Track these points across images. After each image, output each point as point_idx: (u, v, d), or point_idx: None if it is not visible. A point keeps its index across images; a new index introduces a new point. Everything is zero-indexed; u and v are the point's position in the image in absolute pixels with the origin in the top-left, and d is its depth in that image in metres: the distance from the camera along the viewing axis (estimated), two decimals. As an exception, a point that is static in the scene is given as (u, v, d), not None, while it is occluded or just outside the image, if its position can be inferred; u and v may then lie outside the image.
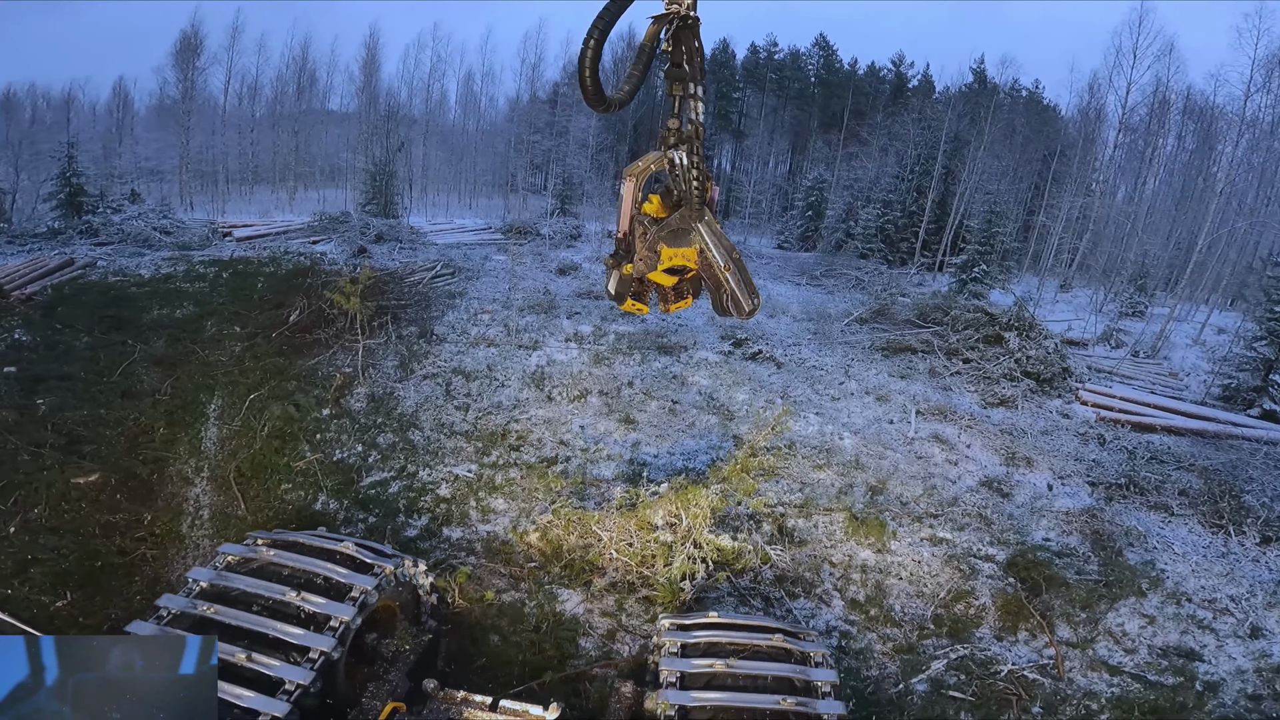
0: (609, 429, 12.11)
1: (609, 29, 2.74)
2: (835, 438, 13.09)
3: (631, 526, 8.25)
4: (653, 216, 3.71)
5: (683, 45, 3.00)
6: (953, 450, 13.82)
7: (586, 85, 2.80)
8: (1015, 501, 12.58)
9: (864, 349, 18.39)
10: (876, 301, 20.56)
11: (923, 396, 16.12)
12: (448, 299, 18.20)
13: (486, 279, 21.48)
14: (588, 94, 2.84)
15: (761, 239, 41.32)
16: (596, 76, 2.80)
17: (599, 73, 2.84)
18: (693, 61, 3.05)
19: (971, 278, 25.78)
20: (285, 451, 10.78)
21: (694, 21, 2.92)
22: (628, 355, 14.89)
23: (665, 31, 2.94)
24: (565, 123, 44.91)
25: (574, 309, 18.20)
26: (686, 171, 3.36)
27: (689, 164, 3.32)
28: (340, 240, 27.76)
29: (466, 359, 14.24)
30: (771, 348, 16.99)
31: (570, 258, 26.54)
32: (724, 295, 3.79)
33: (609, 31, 2.76)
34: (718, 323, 18.67)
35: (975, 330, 18.61)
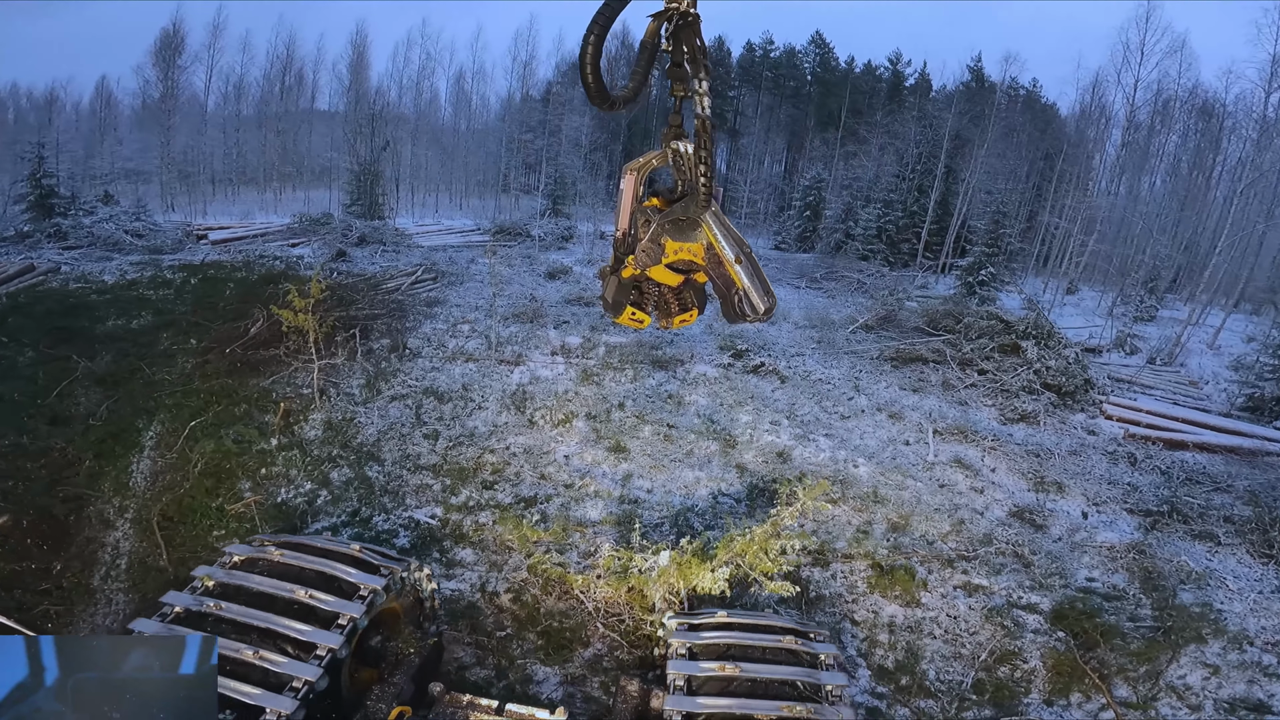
0: (597, 459, 10.55)
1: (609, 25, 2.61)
2: (849, 465, 11.56)
3: (622, 598, 6.70)
4: (656, 207, 3.35)
5: (683, 43, 2.82)
6: (977, 476, 12.34)
7: (589, 83, 2.67)
8: (1051, 534, 11.16)
9: (872, 359, 16.87)
10: (882, 307, 19.03)
11: (938, 413, 14.62)
12: (426, 307, 16.60)
13: (471, 284, 19.88)
14: (591, 92, 2.70)
15: (758, 239, 39.76)
16: (599, 73, 2.67)
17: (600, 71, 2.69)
18: (695, 59, 2.86)
19: (978, 281, 24.30)
20: (220, 491, 9.19)
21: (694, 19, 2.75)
22: (619, 371, 13.32)
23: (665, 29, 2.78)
24: (558, 121, 43.25)
25: (562, 317, 16.62)
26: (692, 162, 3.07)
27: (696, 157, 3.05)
28: (321, 243, 26.12)
29: (441, 377, 12.64)
30: (774, 359, 15.45)
31: (561, 260, 24.94)
32: (736, 295, 3.30)
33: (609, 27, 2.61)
34: (716, 330, 17.13)
35: (990, 339, 17.11)
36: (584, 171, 42.54)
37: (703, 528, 9.24)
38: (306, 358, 10.97)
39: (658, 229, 3.28)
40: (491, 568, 8.24)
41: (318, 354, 10.86)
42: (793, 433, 12.03)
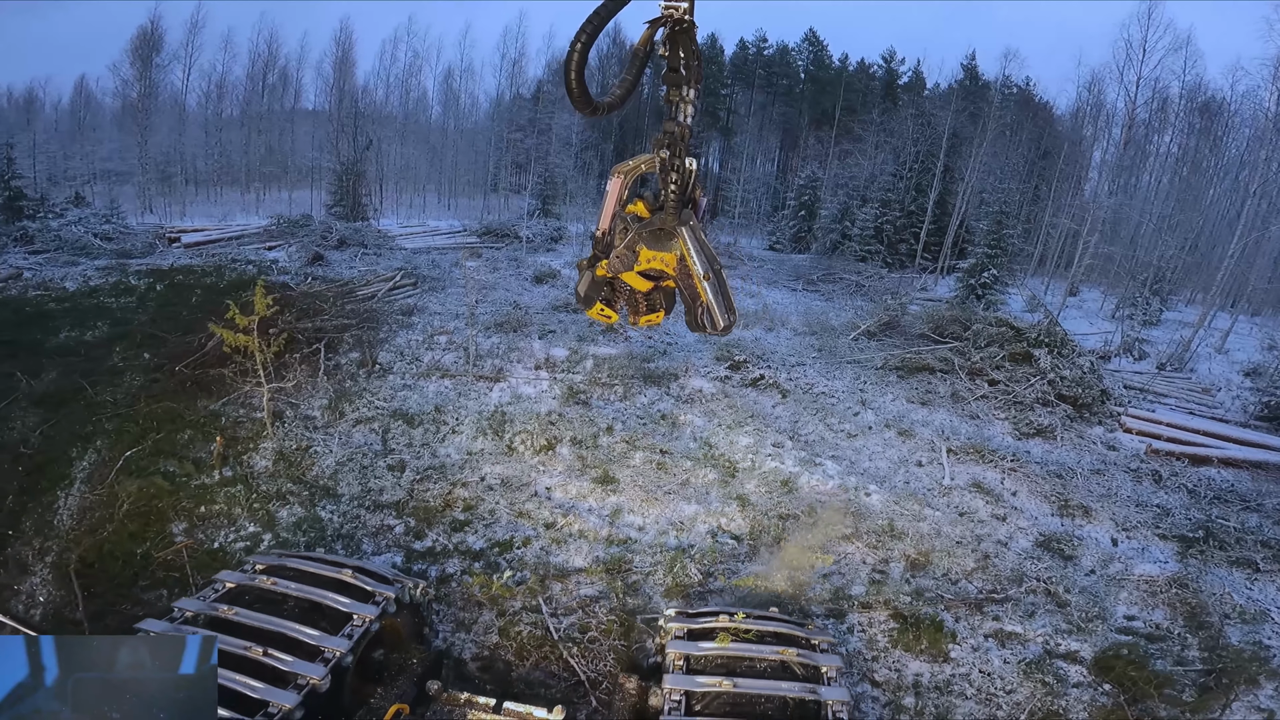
0: (582, 491, 9.36)
1: (597, 33, 2.51)
2: (860, 493, 10.41)
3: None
4: (636, 215, 3.31)
5: (679, 50, 2.71)
6: (998, 501, 11.23)
7: (573, 89, 2.58)
8: (1082, 566, 10.11)
9: (876, 369, 15.73)
10: (885, 312, 17.90)
11: (950, 428, 13.51)
12: (403, 316, 15.33)
13: (453, 290, 18.62)
14: (574, 99, 2.62)
15: (752, 239, 38.56)
16: (583, 81, 2.60)
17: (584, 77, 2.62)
18: (690, 65, 2.76)
19: (980, 283, 23.21)
20: (148, 535, 7.94)
21: (690, 25, 2.67)
22: (608, 387, 12.12)
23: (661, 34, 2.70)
24: (548, 120, 41.90)
25: (548, 325, 15.40)
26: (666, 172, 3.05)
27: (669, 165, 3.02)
28: (299, 246, 24.76)
29: (413, 397, 11.41)
30: (774, 371, 14.29)
31: (549, 263, 23.68)
32: (699, 308, 3.24)
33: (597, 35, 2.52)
34: (710, 339, 15.95)
35: (1000, 347, 16.00)
36: (575, 171, 41.24)
37: (701, 574, 8.06)
38: (256, 381, 9.69)
39: (634, 237, 3.24)
40: (458, 627, 7.04)
41: (267, 376, 9.59)
42: (797, 456, 10.87)
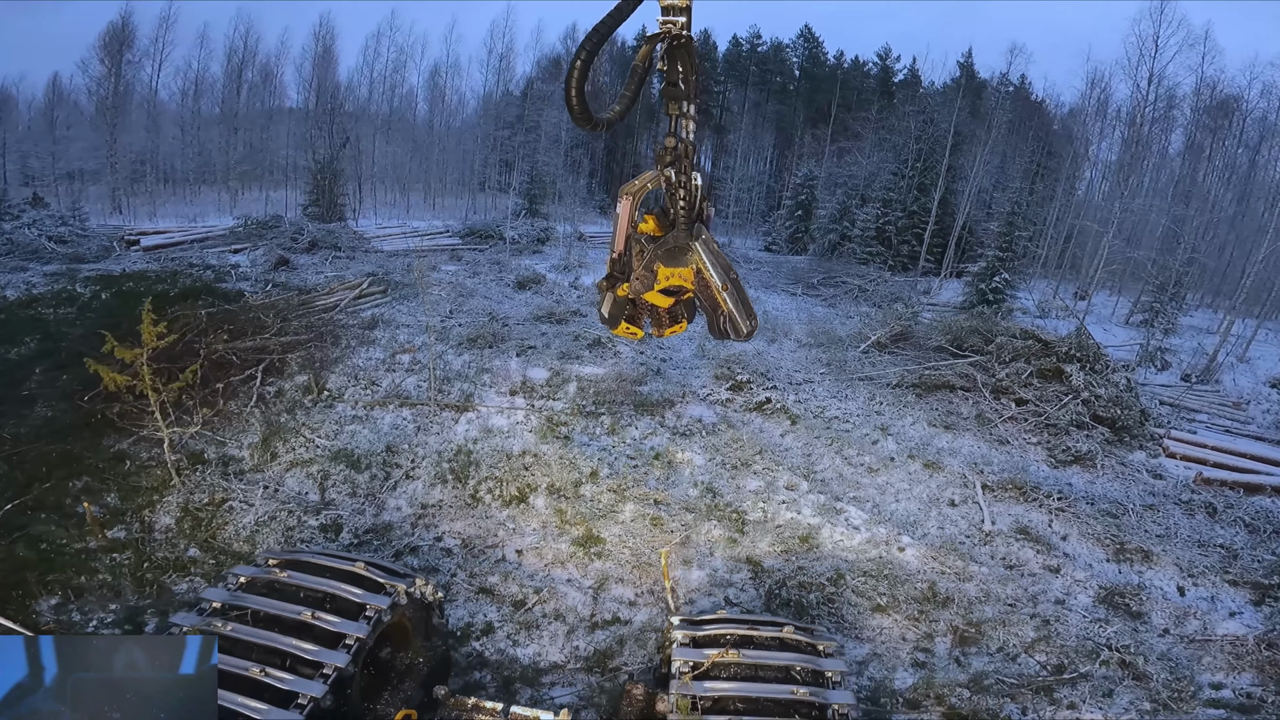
0: (560, 556, 7.56)
1: (598, 49, 2.54)
2: (892, 547, 8.66)
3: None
4: (649, 235, 3.31)
5: (678, 64, 2.73)
6: (1048, 549, 9.54)
7: (573, 105, 2.58)
8: (1154, 625, 8.59)
9: (891, 387, 13.99)
10: (897, 322, 16.15)
11: (981, 458, 11.81)
12: (365, 330, 13.45)
13: (428, 297, 16.70)
14: (575, 114, 2.62)
15: (747, 240, 36.81)
16: (583, 96, 2.59)
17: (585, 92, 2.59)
18: (688, 80, 2.78)
19: (991, 288, 21.52)
20: (7, 614, 6.06)
21: (687, 40, 2.68)
22: (593, 418, 10.30)
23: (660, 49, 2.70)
24: (536, 117, 39.92)
25: (529, 340, 13.55)
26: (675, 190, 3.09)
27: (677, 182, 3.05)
28: (266, 249, 22.78)
29: (362, 432, 9.55)
30: (781, 392, 12.52)
31: (534, 267, 21.82)
32: (721, 317, 3.31)
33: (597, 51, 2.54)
34: (709, 354, 14.18)
35: (1026, 361, 14.30)
36: (564, 169, 39.29)
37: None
38: (154, 426, 7.80)
39: (651, 257, 3.24)
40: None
41: (167, 418, 7.71)
42: (815, 502, 9.10)
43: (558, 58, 49.00)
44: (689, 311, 3.66)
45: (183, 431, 8.04)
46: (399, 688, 5.09)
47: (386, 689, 5.09)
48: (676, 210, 3.13)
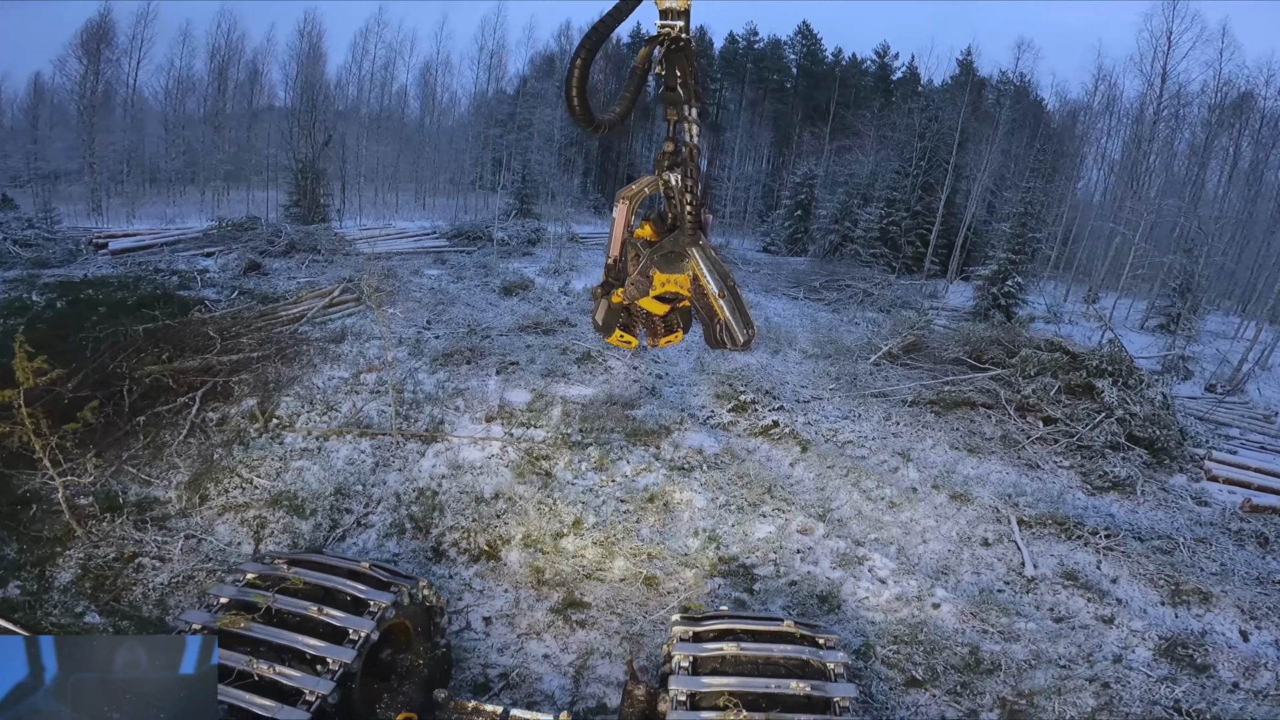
0: (535, 625, 6.25)
1: (597, 48, 2.51)
2: (925, 604, 7.37)
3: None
4: (646, 240, 3.23)
5: (676, 68, 2.68)
6: (1100, 596, 8.29)
7: (574, 106, 2.53)
8: (1222, 679, 7.42)
9: (907, 404, 12.71)
10: (909, 331, 14.84)
11: (1012, 487, 10.53)
12: (331, 344, 12.11)
13: (402, 307, 15.37)
14: (576, 115, 2.56)
15: (744, 241, 35.43)
16: (584, 97, 2.54)
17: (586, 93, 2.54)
18: (687, 84, 2.71)
19: (1003, 292, 20.26)
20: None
21: (686, 44, 2.62)
22: (579, 449, 8.97)
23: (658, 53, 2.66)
24: (529, 114, 38.50)
25: (511, 354, 12.22)
26: (680, 195, 3.04)
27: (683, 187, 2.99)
28: (241, 251, 21.39)
29: (311, 470, 8.21)
30: (789, 413, 11.21)
31: (522, 270, 20.46)
32: (717, 325, 3.24)
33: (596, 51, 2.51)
34: (708, 369, 12.88)
35: (1054, 376, 13.02)
36: (557, 168, 37.90)
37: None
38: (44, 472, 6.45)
39: (647, 263, 3.16)
40: None
41: (56, 465, 6.36)
42: (834, 550, 7.81)
43: (552, 55, 47.66)
44: (685, 321, 3.56)
45: (76, 481, 6.70)
46: (399, 690, 5.01)
47: (387, 691, 5.00)
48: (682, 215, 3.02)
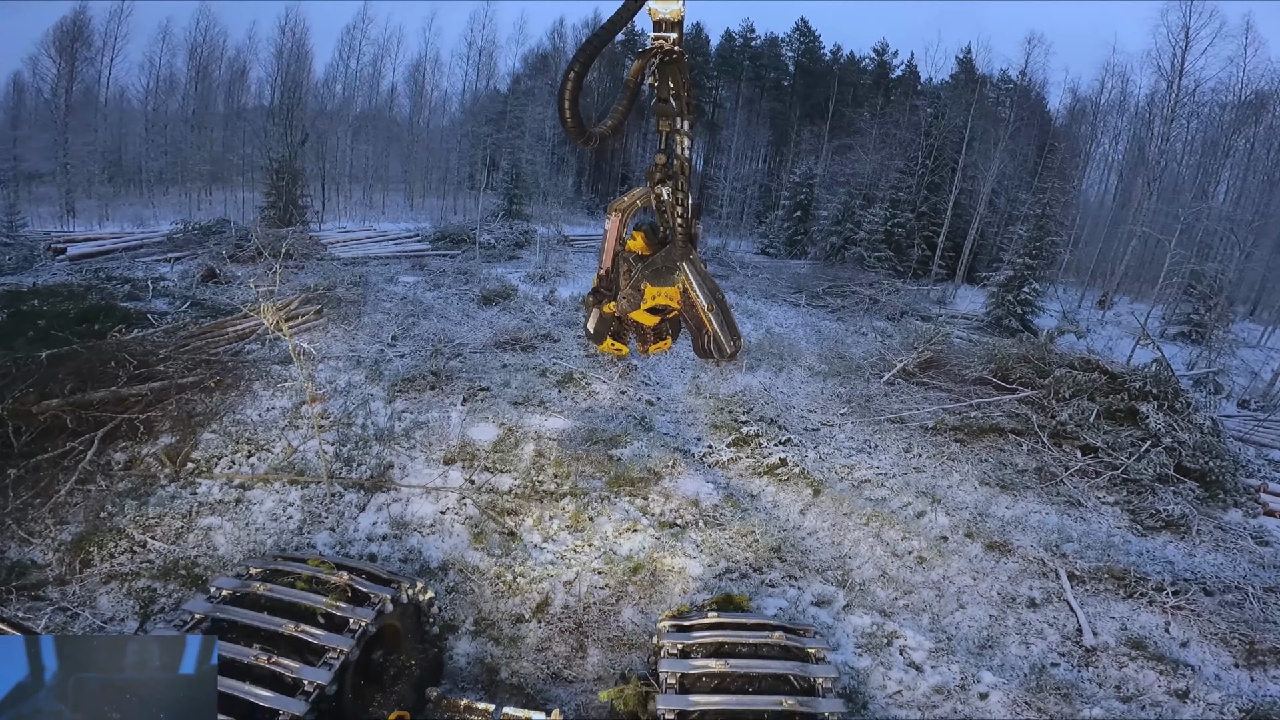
0: (482, 761, 4.72)
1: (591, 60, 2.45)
2: (969, 693, 5.92)
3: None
4: (637, 254, 3.27)
5: (669, 80, 2.68)
6: (1172, 667, 6.83)
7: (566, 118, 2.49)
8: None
9: (928, 431, 11.24)
10: (926, 345, 13.36)
11: (1055, 530, 9.08)
12: (278, 366, 10.57)
13: (371, 318, 13.85)
14: (568, 127, 2.53)
15: (742, 242, 33.91)
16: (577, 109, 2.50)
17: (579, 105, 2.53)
18: (679, 97, 2.73)
19: (1019, 299, 18.81)
20: None
21: (679, 56, 2.62)
22: (551, 501, 7.46)
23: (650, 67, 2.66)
24: (520, 113, 36.95)
25: (482, 377, 10.71)
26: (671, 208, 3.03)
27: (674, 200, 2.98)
28: (205, 257, 19.85)
29: (222, 529, 6.71)
30: (799, 447, 9.73)
31: (506, 276, 18.93)
32: (705, 337, 3.26)
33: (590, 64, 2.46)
34: (705, 391, 11.42)
35: (1091, 399, 11.57)
36: (548, 168, 36.37)
37: None
38: None
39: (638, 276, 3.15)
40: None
41: None
42: (857, 627, 6.36)
43: (545, 53, 46.13)
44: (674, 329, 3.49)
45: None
46: (391, 690, 4.90)
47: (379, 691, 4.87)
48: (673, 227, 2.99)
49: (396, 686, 4.92)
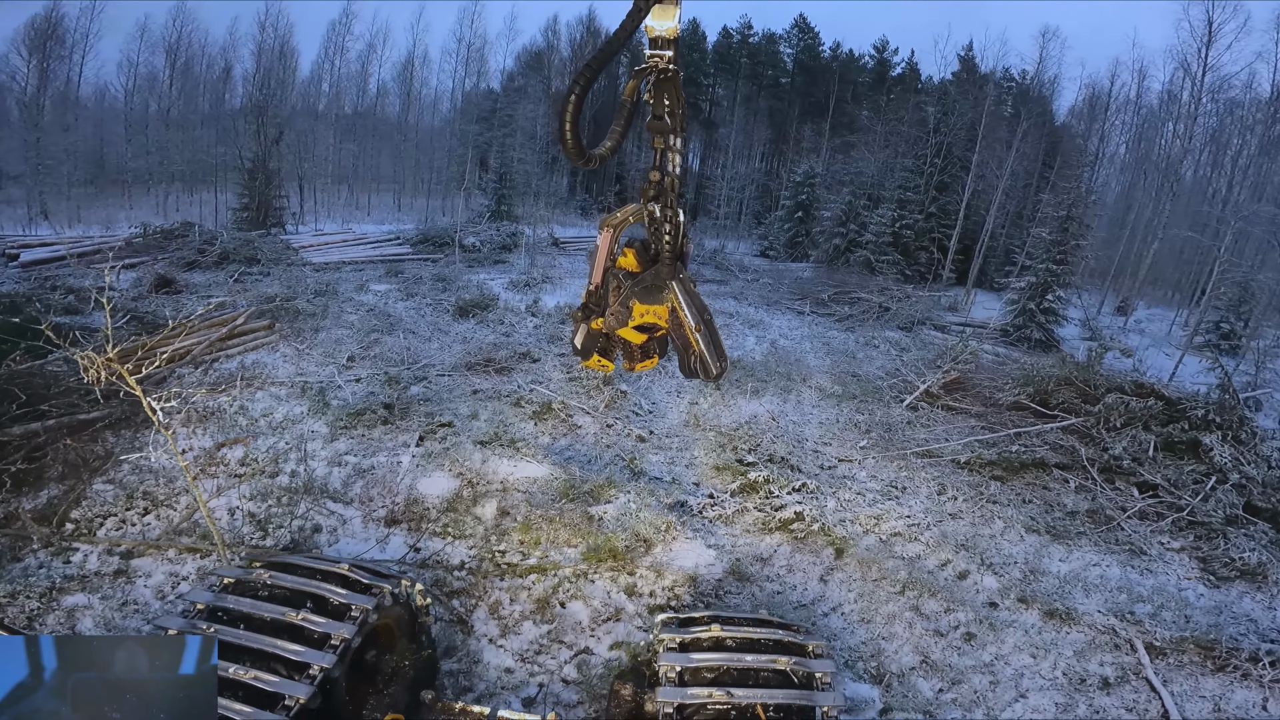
0: None
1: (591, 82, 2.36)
2: None
3: None
4: (627, 271, 3.18)
5: (664, 98, 2.59)
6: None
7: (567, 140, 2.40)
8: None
9: (961, 467, 9.72)
10: (953, 364, 11.83)
11: (1121, 588, 7.65)
12: (211, 395, 9.02)
13: (330, 334, 12.30)
14: (568, 149, 2.43)
15: (740, 245, 32.37)
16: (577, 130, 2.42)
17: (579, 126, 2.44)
18: (674, 113, 2.63)
19: (1042, 307, 17.32)
20: None
21: (675, 74, 2.55)
22: (513, 579, 5.92)
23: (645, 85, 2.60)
24: (511, 110, 35.40)
25: (445, 409, 9.18)
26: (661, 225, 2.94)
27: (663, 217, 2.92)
28: (168, 262, 18.33)
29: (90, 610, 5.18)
30: (816, 495, 8.21)
31: (487, 283, 17.40)
32: (692, 356, 3.19)
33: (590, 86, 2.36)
34: (704, 422, 9.91)
35: (1145, 428, 10.07)
36: (540, 167, 34.79)
37: None
38: None
39: (627, 294, 3.13)
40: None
41: None
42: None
43: (539, 51, 44.59)
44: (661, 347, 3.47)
45: None
46: (385, 692, 4.71)
47: (373, 694, 4.70)
48: (661, 246, 2.96)
49: (390, 689, 4.77)
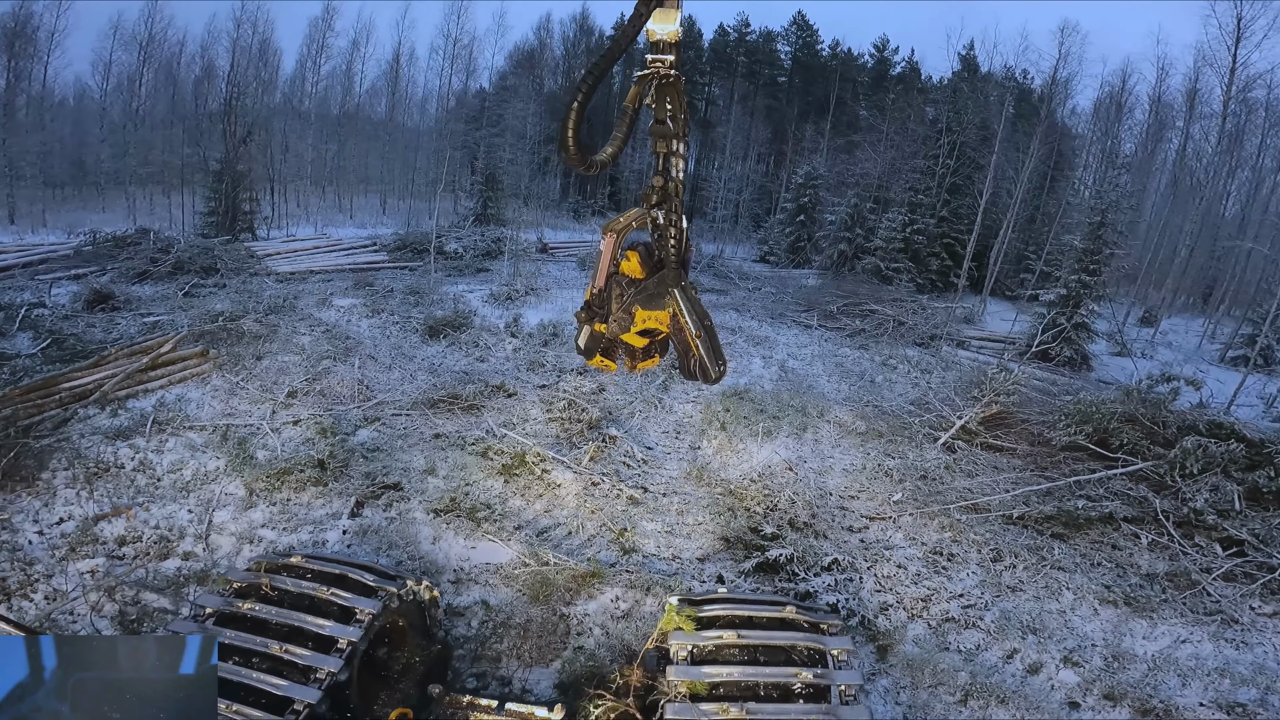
0: None
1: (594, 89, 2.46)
2: None
3: None
4: (630, 278, 3.27)
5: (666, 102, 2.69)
6: None
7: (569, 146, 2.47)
8: None
9: (1013, 522, 8.15)
10: (994, 398, 10.22)
11: (1220, 670, 6.22)
12: (112, 443, 7.39)
13: (276, 360, 10.64)
14: (570, 155, 2.51)
15: (739, 249, 30.77)
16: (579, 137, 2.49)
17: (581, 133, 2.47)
18: (676, 118, 2.73)
19: (1075, 322, 15.79)
20: None
21: (676, 79, 2.63)
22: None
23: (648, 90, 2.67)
24: (499, 109, 33.78)
25: (395, 466, 7.56)
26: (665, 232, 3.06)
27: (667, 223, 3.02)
28: (116, 273, 16.67)
29: None
30: (848, 571, 6.63)
31: (465, 296, 15.75)
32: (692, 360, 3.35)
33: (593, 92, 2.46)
34: (709, 474, 8.31)
35: (1225, 474, 8.51)
36: (529, 168, 33.14)
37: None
38: None
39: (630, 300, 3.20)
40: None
41: None
42: None
43: (532, 50, 42.98)
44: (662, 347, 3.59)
45: None
46: (395, 686, 4.74)
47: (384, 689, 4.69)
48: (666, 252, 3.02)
49: (400, 684, 4.77)
